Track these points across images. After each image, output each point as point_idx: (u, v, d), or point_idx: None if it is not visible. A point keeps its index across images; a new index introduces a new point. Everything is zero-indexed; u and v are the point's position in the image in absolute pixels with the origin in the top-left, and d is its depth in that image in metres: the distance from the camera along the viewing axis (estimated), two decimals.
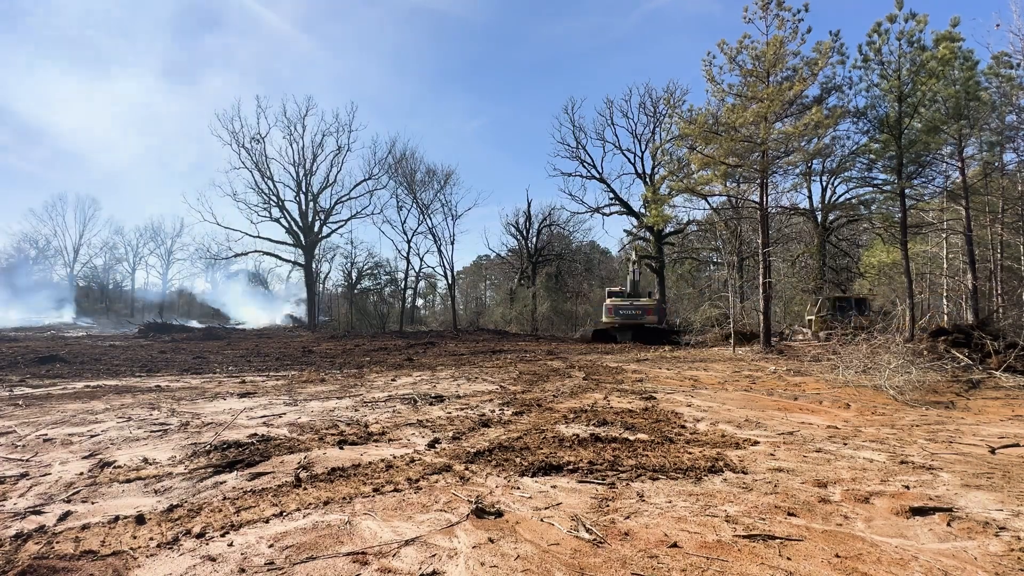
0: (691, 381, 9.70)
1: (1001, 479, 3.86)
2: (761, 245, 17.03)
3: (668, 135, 27.49)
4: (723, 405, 7.10)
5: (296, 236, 34.03)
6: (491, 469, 3.99)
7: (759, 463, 4.23)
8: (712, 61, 16.31)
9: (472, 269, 62.39)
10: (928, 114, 15.94)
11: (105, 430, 5.24)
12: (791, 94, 15.25)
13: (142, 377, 9.90)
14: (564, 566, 2.45)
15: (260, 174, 33.19)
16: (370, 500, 3.32)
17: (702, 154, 16.92)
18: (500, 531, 2.85)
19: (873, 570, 2.45)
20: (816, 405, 7.19)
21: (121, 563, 2.45)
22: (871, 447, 4.83)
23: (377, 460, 4.18)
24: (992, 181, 17.89)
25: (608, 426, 5.57)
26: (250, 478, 3.75)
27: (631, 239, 36.43)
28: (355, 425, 5.55)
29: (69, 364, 11.85)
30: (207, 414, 6.11)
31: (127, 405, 6.71)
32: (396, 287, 42.73)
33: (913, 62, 15.56)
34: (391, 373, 10.79)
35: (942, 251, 22.39)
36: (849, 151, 18.86)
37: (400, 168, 35.71)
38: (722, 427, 5.64)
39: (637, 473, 3.88)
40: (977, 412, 6.76)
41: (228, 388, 8.36)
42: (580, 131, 35.18)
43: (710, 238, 33.07)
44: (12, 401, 6.91)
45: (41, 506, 3.18)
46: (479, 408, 6.68)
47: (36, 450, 4.50)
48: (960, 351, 10.97)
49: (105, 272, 61.65)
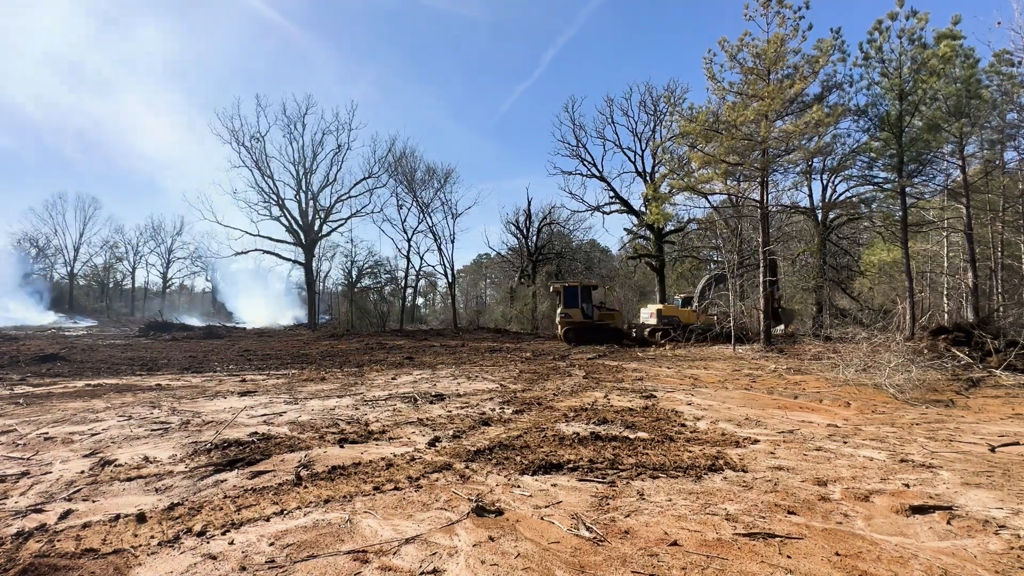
0: (691, 380, 9.70)
1: (1001, 477, 3.87)
2: (761, 244, 17.02)
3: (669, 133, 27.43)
4: (723, 404, 7.10)
5: (296, 235, 33.99)
6: (491, 467, 3.99)
7: (759, 461, 4.23)
8: (713, 59, 16.28)
9: (472, 268, 62.41)
10: (929, 112, 15.92)
11: (106, 428, 5.25)
12: (792, 92, 15.22)
13: (143, 376, 9.90)
14: (564, 564, 2.45)
15: (260, 172, 33.16)
16: (371, 498, 3.32)
17: (703, 152, 16.90)
18: (500, 529, 2.85)
19: (873, 568, 2.45)
20: (816, 404, 7.19)
21: (122, 561, 2.46)
22: (871, 445, 4.83)
23: (378, 458, 4.18)
24: (993, 179, 17.86)
25: (608, 424, 5.57)
26: (251, 476, 3.76)
27: (631, 238, 36.41)
28: (355, 424, 5.55)
29: (70, 363, 11.86)
30: (208, 413, 6.12)
31: (128, 404, 6.71)
32: (396, 286, 42.73)
33: (914, 60, 15.54)
34: (391, 372, 10.80)
35: (943, 249, 22.37)
36: (850, 149, 18.83)
37: (400, 166, 35.67)
38: (722, 425, 5.64)
39: (637, 471, 3.88)
40: (977, 411, 6.76)
41: (229, 387, 8.37)
42: (580, 129, 35.14)
43: (710, 237, 33.02)
44: (13, 400, 6.92)
45: (42, 504, 3.19)
46: (479, 406, 6.68)
47: (37, 449, 4.50)
48: (960, 349, 10.97)
49: (105, 271, 61.67)
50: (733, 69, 16.26)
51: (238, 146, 32.61)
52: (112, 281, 63.65)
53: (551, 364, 12.44)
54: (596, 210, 35.27)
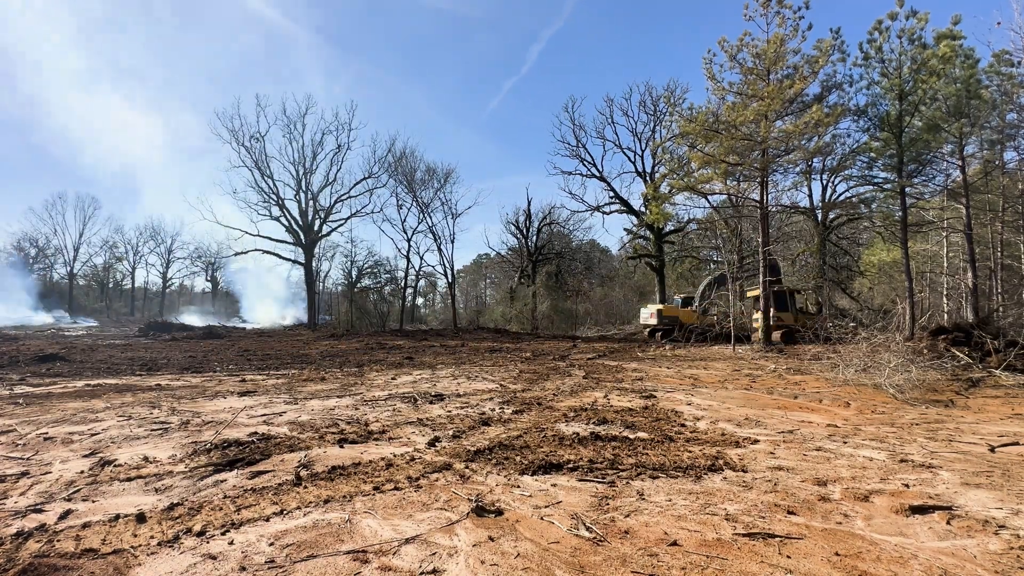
0: (691, 380, 9.70)
1: (1001, 477, 3.87)
2: (761, 244, 17.03)
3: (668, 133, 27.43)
4: (723, 404, 7.10)
5: (296, 235, 33.99)
6: (491, 467, 3.99)
7: (759, 461, 4.23)
8: (712, 59, 16.30)
9: (472, 268, 62.43)
10: (929, 112, 15.93)
11: (106, 428, 5.25)
12: (791, 92, 15.23)
13: (142, 376, 9.90)
14: (564, 564, 2.45)
15: (260, 172, 33.17)
16: (370, 498, 3.32)
17: (702, 152, 16.91)
18: (500, 529, 2.85)
19: (873, 568, 2.45)
20: (816, 404, 7.19)
21: (122, 561, 2.46)
22: (871, 445, 4.83)
23: (377, 458, 4.18)
24: (992, 179, 17.87)
25: (608, 424, 5.57)
26: (250, 476, 3.76)
27: (631, 238, 36.40)
28: (355, 423, 5.55)
29: (69, 363, 11.86)
30: (207, 412, 6.11)
31: (127, 404, 6.71)
32: (396, 286, 42.72)
33: (914, 60, 15.54)
34: (391, 372, 10.80)
35: (942, 249, 22.39)
36: (850, 149, 18.85)
37: (400, 166, 35.66)
38: (722, 425, 5.64)
39: (637, 471, 3.88)
40: (977, 411, 6.76)
41: (228, 387, 8.37)
42: (580, 129, 35.16)
43: (710, 237, 33.02)
44: (13, 400, 6.92)
45: (42, 504, 3.19)
46: (479, 406, 6.68)
47: (37, 448, 4.50)
48: (960, 350, 10.98)
49: (105, 271, 61.67)
50: (733, 69, 16.29)
51: (238, 146, 32.65)
52: (112, 281, 63.67)
53: (551, 364, 12.45)
54: (596, 210, 35.28)
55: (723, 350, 16.36)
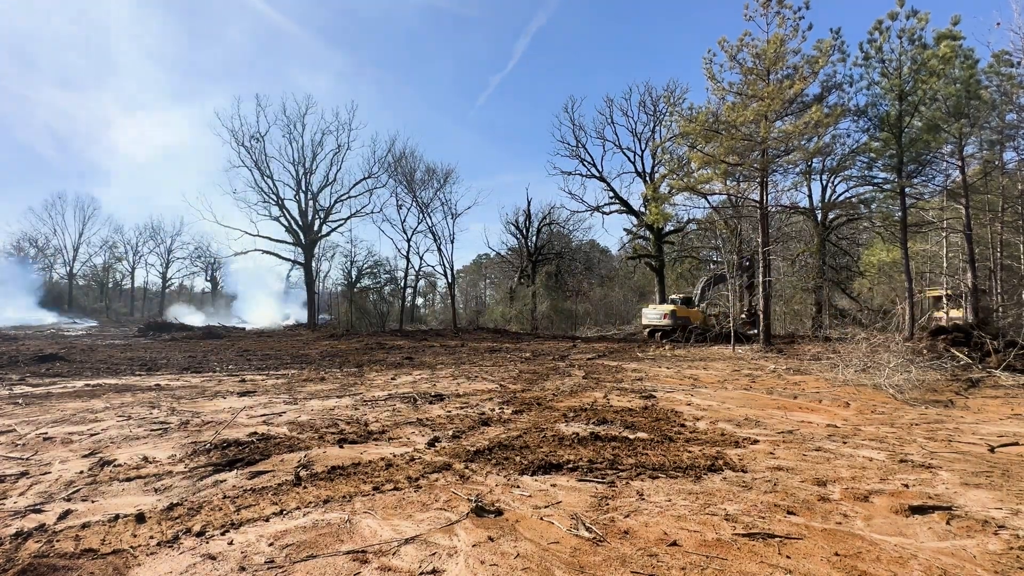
0: (691, 380, 9.70)
1: (1000, 478, 3.87)
2: (761, 244, 17.03)
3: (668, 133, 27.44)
4: (723, 404, 7.10)
5: (296, 235, 33.99)
6: (491, 468, 3.99)
7: (759, 462, 4.23)
8: (712, 59, 16.30)
9: (472, 268, 62.41)
10: (929, 112, 15.93)
11: (105, 429, 5.24)
12: (791, 92, 15.24)
13: (142, 376, 9.90)
14: (564, 564, 2.45)
15: (260, 172, 33.16)
16: (370, 499, 3.32)
17: (702, 152, 16.91)
18: (500, 529, 2.85)
19: (872, 568, 2.45)
20: (816, 404, 7.19)
21: (121, 561, 2.46)
22: (870, 446, 4.83)
23: (377, 459, 4.18)
24: (992, 180, 17.87)
25: (608, 425, 5.57)
26: (250, 476, 3.75)
27: (631, 238, 36.41)
28: (355, 424, 5.55)
29: (69, 363, 11.85)
30: (207, 413, 6.11)
31: (127, 404, 6.71)
32: (396, 286, 42.69)
33: (914, 60, 15.55)
34: (391, 372, 10.79)
35: (942, 250, 22.39)
36: (849, 150, 18.84)
37: (400, 167, 35.65)
38: (722, 426, 5.64)
39: (637, 472, 3.88)
40: (976, 411, 6.76)
41: (228, 387, 8.36)
42: (580, 129, 35.15)
43: (710, 237, 33.02)
44: (12, 400, 6.91)
45: (41, 504, 3.18)
46: (479, 407, 6.68)
47: (36, 449, 4.50)
48: (959, 350, 10.98)
49: (105, 271, 61.62)
50: (733, 69, 16.29)
51: (238, 146, 32.64)
52: (111, 281, 63.60)
53: (551, 364, 12.45)
54: (596, 210, 35.27)
55: (723, 350, 16.36)
